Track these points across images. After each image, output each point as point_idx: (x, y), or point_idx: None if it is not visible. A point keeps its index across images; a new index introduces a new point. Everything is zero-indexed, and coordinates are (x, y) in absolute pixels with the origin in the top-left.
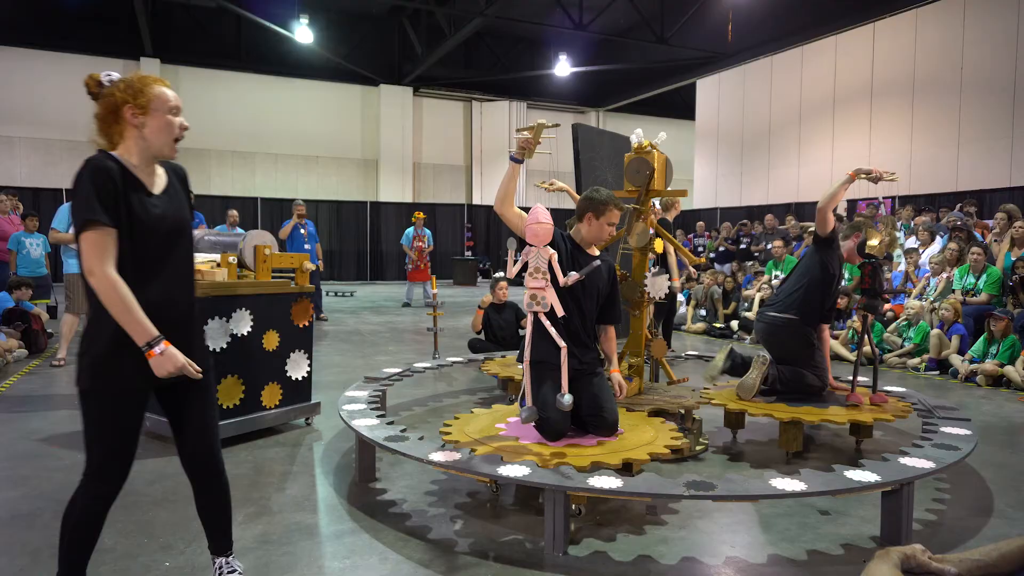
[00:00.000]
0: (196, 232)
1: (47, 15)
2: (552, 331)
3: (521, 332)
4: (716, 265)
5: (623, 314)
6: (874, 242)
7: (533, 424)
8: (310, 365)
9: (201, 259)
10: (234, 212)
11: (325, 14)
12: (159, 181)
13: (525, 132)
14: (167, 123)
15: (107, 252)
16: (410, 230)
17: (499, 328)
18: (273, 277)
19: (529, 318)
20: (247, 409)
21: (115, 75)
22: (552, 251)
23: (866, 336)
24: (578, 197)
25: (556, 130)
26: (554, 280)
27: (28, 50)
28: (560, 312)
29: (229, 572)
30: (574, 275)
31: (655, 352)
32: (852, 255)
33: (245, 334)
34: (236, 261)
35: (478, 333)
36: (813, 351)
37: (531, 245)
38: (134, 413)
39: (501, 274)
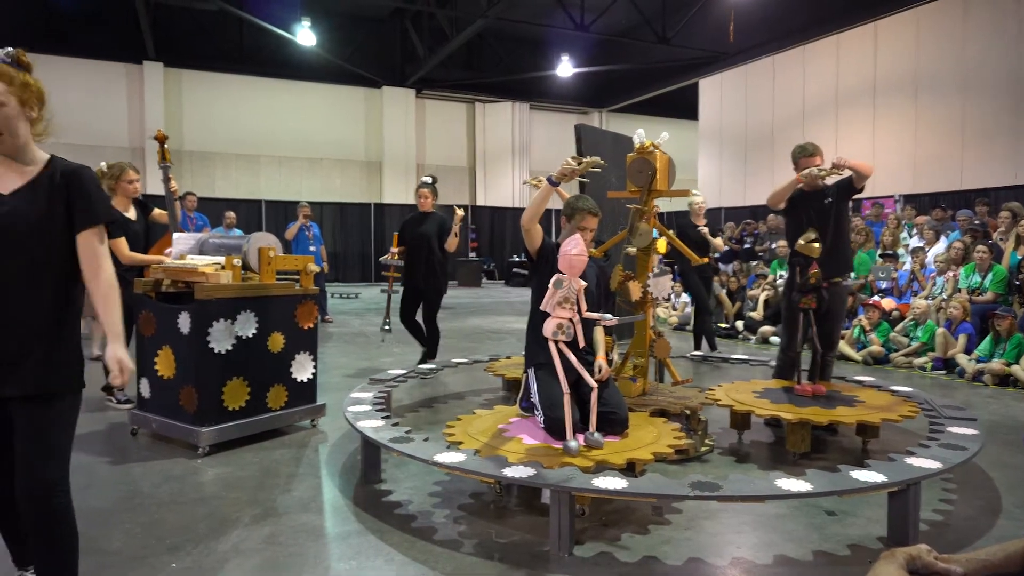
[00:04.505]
0: (200, 235)
1: (48, 19)
2: (579, 368)
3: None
4: (721, 265)
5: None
6: (801, 242)
7: (541, 425)
8: (315, 367)
9: (206, 261)
10: (231, 213)
11: (327, 17)
12: (15, 178)
13: (574, 163)
14: None
15: None
16: None
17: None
18: (278, 279)
19: (553, 348)
20: (252, 411)
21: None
22: (583, 283)
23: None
24: (565, 195)
25: (572, 148)
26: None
27: (29, 54)
28: (582, 343)
29: None
30: (609, 319)
31: (658, 353)
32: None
33: (250, 336)
34: (241, 263)
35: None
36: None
37: (562, 273)
38: None
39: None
